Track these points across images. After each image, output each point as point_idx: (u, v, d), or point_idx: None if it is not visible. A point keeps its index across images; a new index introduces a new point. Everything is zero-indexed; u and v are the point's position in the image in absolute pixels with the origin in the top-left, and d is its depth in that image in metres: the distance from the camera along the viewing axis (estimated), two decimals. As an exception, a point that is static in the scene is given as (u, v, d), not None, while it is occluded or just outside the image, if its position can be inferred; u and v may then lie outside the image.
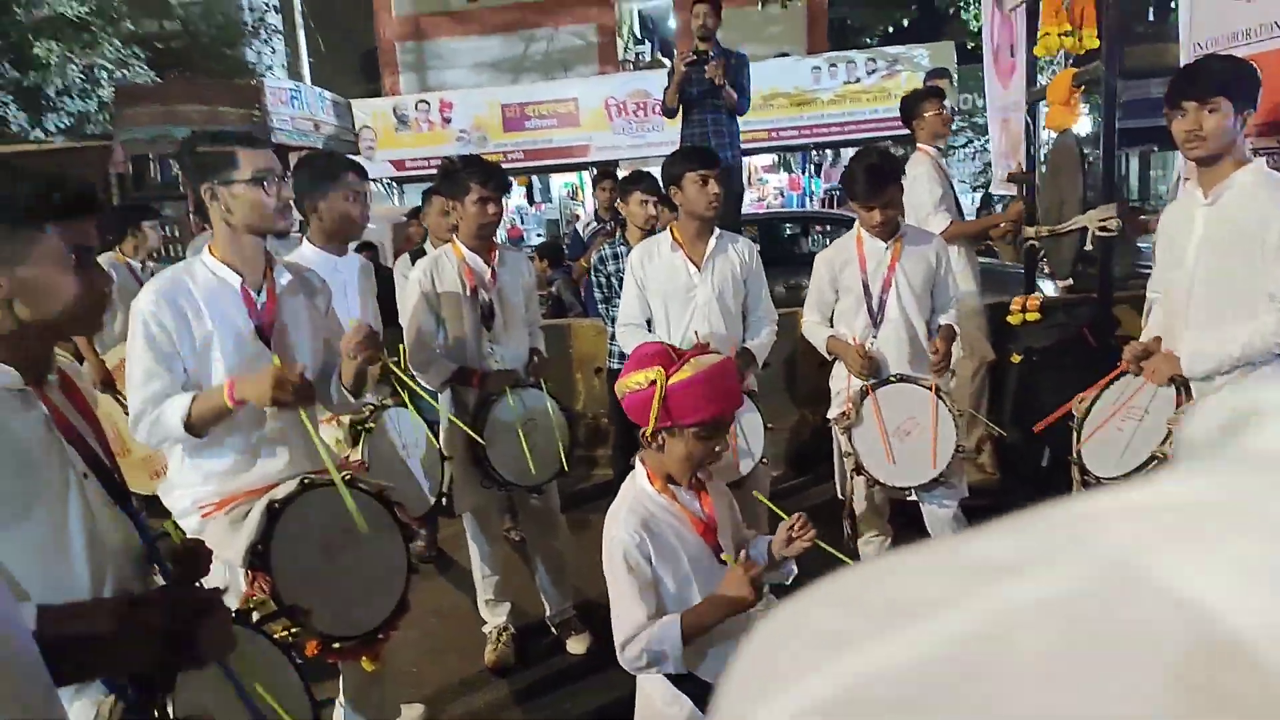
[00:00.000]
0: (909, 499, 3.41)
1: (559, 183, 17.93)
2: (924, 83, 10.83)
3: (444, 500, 3.04)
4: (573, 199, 17.61)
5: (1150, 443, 2.72)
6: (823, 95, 12.60)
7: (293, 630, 2.06)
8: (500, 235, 4.76)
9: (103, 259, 3.94)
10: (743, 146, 5.72)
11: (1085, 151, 4.47)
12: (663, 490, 1.87)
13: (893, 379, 3.22)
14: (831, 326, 3.45)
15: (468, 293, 3.15)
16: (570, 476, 3.72)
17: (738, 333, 3.37)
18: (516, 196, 17.10)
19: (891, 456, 3.19)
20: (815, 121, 12.63)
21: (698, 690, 1.80)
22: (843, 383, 3.35)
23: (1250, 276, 2.53)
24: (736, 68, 5.15)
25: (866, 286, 3.31)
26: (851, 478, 3.25)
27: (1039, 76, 5.32)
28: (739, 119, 5.36)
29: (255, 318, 2.18)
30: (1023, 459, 4.25)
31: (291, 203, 2.20)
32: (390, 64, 17.87)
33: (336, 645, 2.14)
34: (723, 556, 1.88)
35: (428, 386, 3.13)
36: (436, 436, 3.01)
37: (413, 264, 3.44)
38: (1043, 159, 5.04)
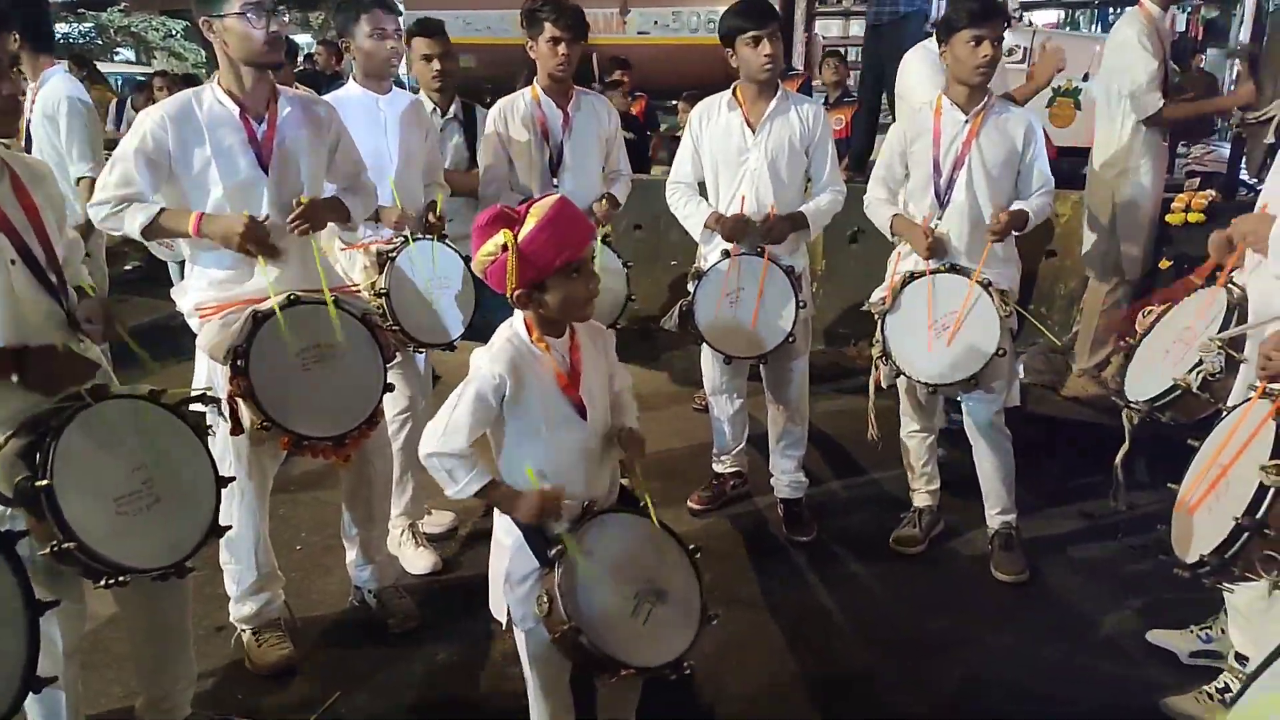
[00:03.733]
0: (956, 398, 3.21)
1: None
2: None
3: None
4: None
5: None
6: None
7: (264, 424, 2.38)
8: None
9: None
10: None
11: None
12: (538, 341, 1.91)
13: (944, 268, 2.97)
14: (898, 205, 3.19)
15: (537, 135, 3.31)
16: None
17: (793, 203, 3.22)
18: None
19: (930, 347, 2.97)
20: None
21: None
22: (893, 266, 3.13)
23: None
24: None
25: (937, 163, 3.01)
26: (876, 367, 3.08)
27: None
28: None
29: (254, 146, 2.40)
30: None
31: (281, 37, 2.34)
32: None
33: (304, 443, 2.44)
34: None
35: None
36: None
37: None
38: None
